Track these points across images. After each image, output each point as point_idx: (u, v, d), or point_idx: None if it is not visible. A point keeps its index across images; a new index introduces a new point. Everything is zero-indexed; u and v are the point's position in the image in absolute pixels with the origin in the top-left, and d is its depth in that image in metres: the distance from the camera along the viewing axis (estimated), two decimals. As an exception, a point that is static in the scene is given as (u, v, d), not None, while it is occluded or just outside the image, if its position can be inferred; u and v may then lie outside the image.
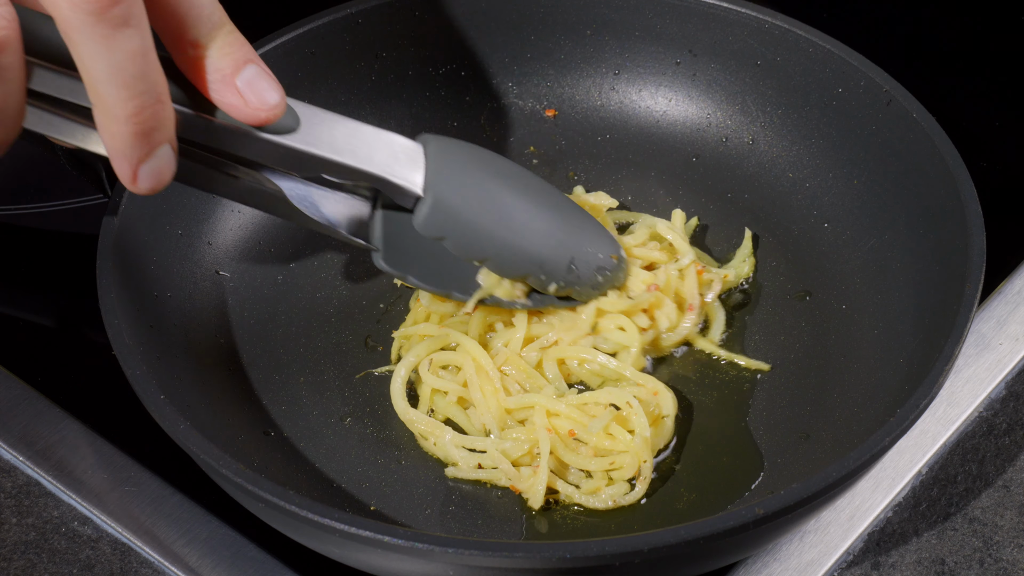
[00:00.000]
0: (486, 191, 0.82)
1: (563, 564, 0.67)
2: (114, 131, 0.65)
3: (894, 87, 0.89)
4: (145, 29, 0.63)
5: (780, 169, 0.96)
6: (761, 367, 0.88)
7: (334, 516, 0.68)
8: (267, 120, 0.71)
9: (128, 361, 0.76)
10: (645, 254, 0.91)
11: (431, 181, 0.79)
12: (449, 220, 0.80)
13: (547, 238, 0.83)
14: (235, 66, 0.69)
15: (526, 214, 0.83)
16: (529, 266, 0.83)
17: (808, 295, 0.91)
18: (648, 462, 0.81)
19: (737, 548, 0.75)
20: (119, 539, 0.82)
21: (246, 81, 0.69)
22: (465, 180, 0.81)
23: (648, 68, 0.99)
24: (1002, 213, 0.89)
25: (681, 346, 0.89)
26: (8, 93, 0.65)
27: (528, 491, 0.81)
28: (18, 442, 0.86)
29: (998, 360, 0.90)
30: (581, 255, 0.85)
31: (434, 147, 0.80)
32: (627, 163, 0.99)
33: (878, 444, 0.71)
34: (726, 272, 0.91)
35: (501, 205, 0.82)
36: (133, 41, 0.63)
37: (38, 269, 0.99)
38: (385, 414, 0.86)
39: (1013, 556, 0.81)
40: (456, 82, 1.00)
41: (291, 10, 0.96)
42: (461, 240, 0.81)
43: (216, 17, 0.68)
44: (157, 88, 0.65)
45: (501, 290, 0.84)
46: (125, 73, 0.63)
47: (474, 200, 0.81)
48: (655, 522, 0.80)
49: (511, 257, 0.83)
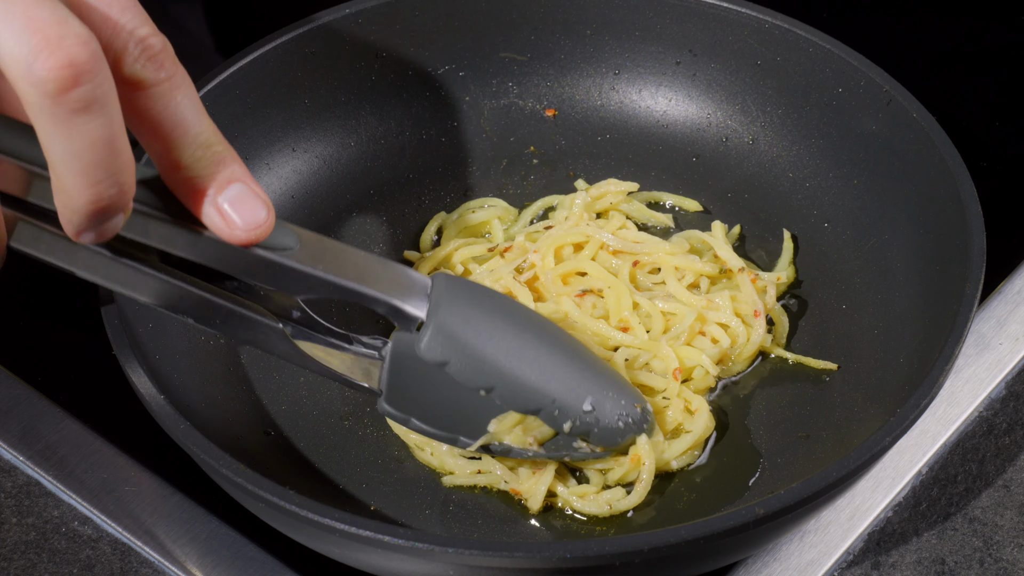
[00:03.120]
0: (493, 321, 0.79)
1: (563, 564, 0.67)
2: (66, 209, 0.63)
3: (894, 87, 0.89)
4: (111, 116, 0.60)
5: (780, 169, 0.96)
6: (829, 367, 0.86)
7: (334, 516, 0.68)
8: (250, 240, 0.68)
9: (128, 361, 0.76)
10: (688, 264, 0.90)
11: (436, 306, 0.77)
12: (452, 344, 0.77)
13: (560, 373, 0.80)
14: (219, 186, 0.67)
15: (537, 347, 0.79)
16: (540, 399, 0.79)
17: (808, 295, 0.91)
18: (647, 464, 0.80)
19: (737, 548, 0.74)
20: (119, 539, 0.82)
21: (230, 200, 0.67)
22: (470, 308, 0.78)
23: (648, 68, 0.99)
24: (1002, 213, 0.89)
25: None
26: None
27: (527, 492, 0.81)
28: (18, 442, 0.86)
29: (998, 360, 0.90)
30: (600, 398, 0.80)
31: (442, 280, 0.78)
32: (627, 163, 0.99)
33: (878, 444, 0.71)
34: (779, 275, 0.91)
35: (509, 335, 0.79)
36: (94, 128, 0.60)
37: (38, 269, 0.99)
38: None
39: (1013, 556, 0.81)
40: (456, 82, 1.00)
41: (291, 10, 0.96)
42: (464, 364, 0.78)
43: (203, 137, 0.66)
44: (119, 177, 0.62)
45: (512, 437, 0.81)
46: (83, 161, 0.60)
47: (479, 327, 0.78)
48: (655, 522, 0.80)
49: (519, 386, 0.78)
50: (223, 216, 0.68)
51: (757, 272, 0.91)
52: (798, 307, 0.91)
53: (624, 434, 0.81)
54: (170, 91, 0.64)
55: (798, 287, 0.92)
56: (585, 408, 0.80)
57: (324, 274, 0.72)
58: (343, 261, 0.73)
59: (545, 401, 0.79)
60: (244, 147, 0.93)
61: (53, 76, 0.58)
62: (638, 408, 0.81)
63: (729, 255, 0.91)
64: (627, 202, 0.96)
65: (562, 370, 0.80)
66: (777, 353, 0.88)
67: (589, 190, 0.96)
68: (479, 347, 0.78)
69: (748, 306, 0.88)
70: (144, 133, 0.65)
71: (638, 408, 0.81)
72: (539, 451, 0.81)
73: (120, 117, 0.61)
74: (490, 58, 0.99)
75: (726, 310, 0.87)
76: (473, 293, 0.80)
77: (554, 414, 0.79)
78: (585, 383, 0.80)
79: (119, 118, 0.61)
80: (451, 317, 0.77)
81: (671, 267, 0.90)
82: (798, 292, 0.91)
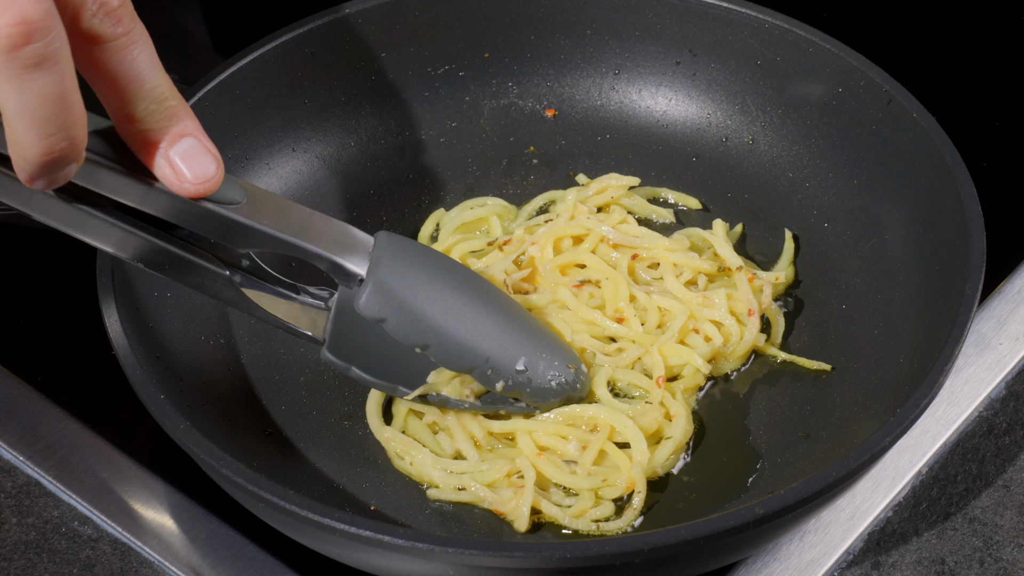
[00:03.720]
0: (431, 281, 0.81)
1: (563, 564, 0.67)
2: (19, 158, 0.64)
3: (894, 87, 0.89)
4: (63, 72, 0.61)
5: (780, 169, 0.96)
6: (823, 367, 0.87)
7: (334, 516, 0.68)
8: (198, 193, 0.71)
9: (128, 361, 0.76)
10: (686, 261, 0.90)
11: (376, 264, 0.78)
12: (390, 302, 0.79)
13: (494, 333, 0.81)
14: (171, 140, 0.69)
15: (472, 308, 0.81)
16: (473, 358, 0.81)
17: (808, 295, 0.91)
18: (642, 492, 0.80)
19: (737, 548, 0.75)
20: (119, 539, 0.82)
21: (181, 154, 0.70)
22: (410, 268, 0.80)
23: (648, 68, 0.99)
24: (1002, 213, 0.89)
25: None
26: None
27: (512, 514, 0.80)
28: (18, 442, 0.86)
29: (998, 360, 0.90)
30: (533, 358, 0.82)
31: (384, 239, 0.80)
32: (627, 163, 0.99)
33: (878, 444, 0.71)
34: (777, 274, 0.91)
35: (445, 295, 0.81)
36: (46, 84, 0.61)
37: (38, 269, 0.99)
38: (384, 414, 0.86)
39: (1013, 556, 0.81)
40: (456, 82, 1.00)
41: (291, 10, 0.96)
42: (401, 322, 0.79)
43: (158, 91, 0.68)
44: (71, 131, 0.63)
45: (450, 389, 0.82)
46: (34, 115, 0.62)
47: (417, 286, 0.80)
48: (655, 522, 0.80)
49: (453, 345, 0.80)
50: (173, 169, 0.70)
51: (755, 271, 0.91)
52: (797, 307, 0.91)
53: (557, 393, 0.83)
54: (126, 46, 0.65)
55: (797, 287, 0.92)
56: (518, 368, 0.82)
57: (267, 228, 0.74)
58: (287, 217, 0.75)
59: (478, 361, 0.81)
60: (244, 147, 0.93)
61: (5, 33, 0.59)
62: (571, 368, 0.83)
63: (728, 253, 0.91)
64: (628, 196, 0.96)
65: (497, 330, 0.82)
66: (771, 353, 0.88)
67: (590, 184, 0.96)
68: (416, 306, 0.79)
69: (743, 304, 0.88)
70: (100, 86, 0.66)
71: (571, 368, 0.83)
72: (475, 403, 0.83)
73: (73, 73, 0.62)
74: (490, 58, 0.99)
75: (721, 307, 0.87)
76: (414, 252, 0.81)
77: (487, 373, 0.81)
78: (519, 344, 0.82)
79: (71, 74, 0.62)
80: (390, 276, 0.78)
81: (669, 263, 0.90)
82: (798, 292, 0.91)
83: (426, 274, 0.81)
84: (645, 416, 0.83)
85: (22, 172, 0.65)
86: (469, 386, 0.83)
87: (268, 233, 0.74)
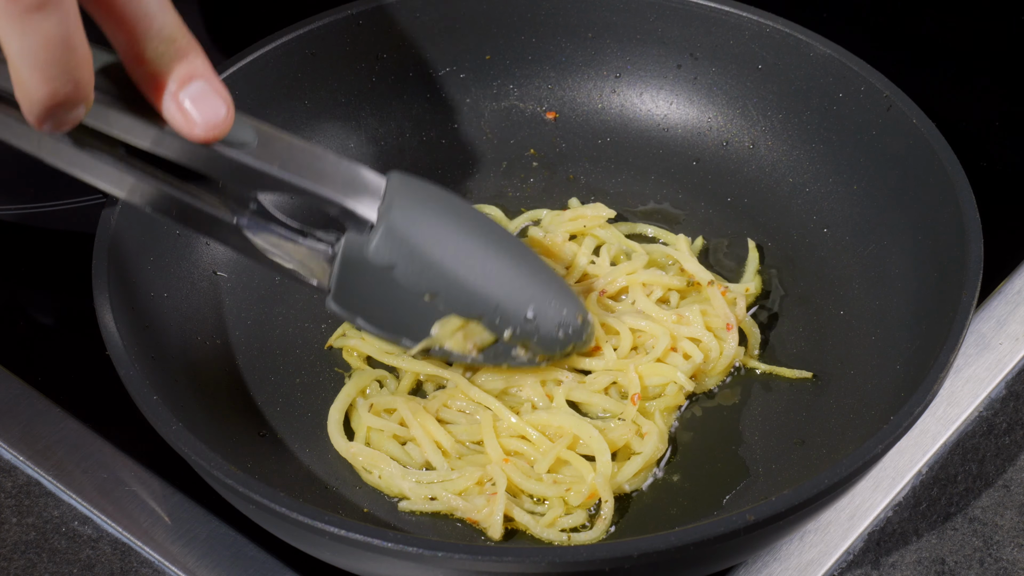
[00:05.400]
0: (443, 225, 0.79)
1: (552, 569, 0.67)
2: (25, 101, 0.64)
3: (894, 92, 0.89)
4: (67, 14, 0.61)
5: (780, 174, 0.96)
6: (804, 375, 0.86)
7: (325, 519, 0.68)
8: (208, 137, 0.69)
9: (121, 361, 0.76)
10: (654, 279, 0.89)
11: (386, 209, 0.77)
12: (400, 247, 0.77)
13: (504, 280, 0.80)
14: (181, 82, 0.68)
15: (484, 253, 0.80)
16: (483, 305, 0.80)
17: (806, 300, 0.91)
18: (609, 502, 0.79)
19: (728, 554, 0.74)
20: (119, 539, 0.82)
21: (191, 97, 0.68)
22: (422, 212, 0.79)
23: (649, 71, 0.99)
24: (1001, 213, 0.89)
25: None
26: None
27: (484, 521, 0.79)
28: (18, 442, 0.86)
29: (998, 360, 0.90)
30: (542, 306, 0.81)
31: (397, 181, 0.79)
32: (627, 166, 0.99)
33: (871, 451, 0.71)
34: (747, 286, 0.90)
35: (457, 240, 0.79)
36: (48, 26, 0.60)
37: (38, 269, 0.99)
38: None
39: (1013, 556, 0.81)
40: (456, 84, 1.00)
41: (291, 10, 0.96)
42: (411, 269, 0.78)
43: (167, 31, 0.66)
44: (75, 74, 0.63)
45: (453, 342, 0.81)
46: (38, 58, 0.61)
47: (428, 231, 0.78)
48: (647, 527, 0.80)
49: (463, 292, 0.79)
50: (183, 113, 0.69)
51: (726, 284, 0.90)
52: (794, 312, 0.91)
53: (563, 344, 0.82)
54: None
55: (797, 290, 0.92)
56: (527, 315, 0.81)
57: (278, 172, 0.73)
58: (299, 159, 0.74)
59: (488, 307, 0.80)
60: (244, 148, 0.93)
61: None
62: (579, 318, 0.82)
63: (696, 268, 0.90)
64: (603, 228, 0.94)
65: (507, 276, 0.80)
66: (751, 365, 0.88)
67: (562, 214, 0.94)
68: (427, 252, 0.78)
69: (720, 319, 0.87)
70: (109, 25, 0.65)
71: (579, 318, 0.82)
72: (478, 357, 0.82)
73: (77, 15, 0.62)
74: (491, 60, 0.99)
75: (697, 324, 0.87)
76: (427, 195, 0.80)
77: (496, 320, 0.80)
78: (529, 290, 0.81)
79: (75, 16, 0.62)
80: (401, 220, 0.77)
81: (638, 283, 0.89)
82: (795, 297, 0.91)
83: (439, 218, 0.79)
84: (615, 431, 0.82)
85: (29, 115, 0.65)
86: (472, 340, 0.81)
87: (278, 177, 0.73)
